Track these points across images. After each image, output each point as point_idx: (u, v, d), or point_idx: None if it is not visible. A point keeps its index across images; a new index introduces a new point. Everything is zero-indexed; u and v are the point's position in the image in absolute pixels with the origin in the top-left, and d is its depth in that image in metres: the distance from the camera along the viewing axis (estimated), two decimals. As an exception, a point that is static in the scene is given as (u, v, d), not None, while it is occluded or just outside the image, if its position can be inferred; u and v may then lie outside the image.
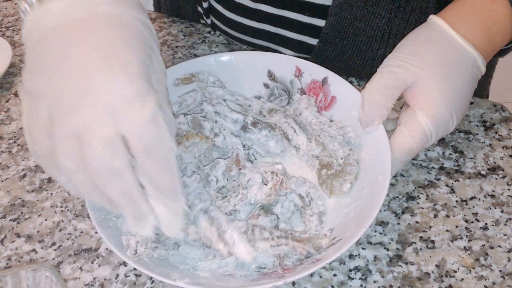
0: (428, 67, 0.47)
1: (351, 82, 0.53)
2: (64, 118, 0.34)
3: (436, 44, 0.48)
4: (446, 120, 0.47)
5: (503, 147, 0.54)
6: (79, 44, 0.35)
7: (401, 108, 0.50)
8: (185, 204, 0.40)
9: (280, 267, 0.43)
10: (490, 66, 0.73)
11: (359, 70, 0.62)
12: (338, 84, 0.53)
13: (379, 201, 0.43)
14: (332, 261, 0.46)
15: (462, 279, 0.45)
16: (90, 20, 0.36)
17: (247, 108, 0.54)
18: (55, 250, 0.49)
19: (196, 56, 0.67)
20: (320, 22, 0.60)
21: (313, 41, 0.62)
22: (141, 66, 0.36)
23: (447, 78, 0.47)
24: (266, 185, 0.46)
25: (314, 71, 0.54)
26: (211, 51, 0.68)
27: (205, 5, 0.66)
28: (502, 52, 0.53)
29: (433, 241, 0.47)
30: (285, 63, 0.55)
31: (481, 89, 0.74)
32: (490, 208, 0.49)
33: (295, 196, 0.47)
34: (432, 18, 0.49)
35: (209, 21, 0.68)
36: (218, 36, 0.70)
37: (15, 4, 0.79)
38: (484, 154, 0.54)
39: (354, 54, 0.61)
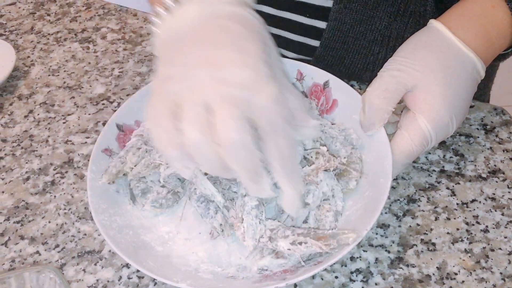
0: (428, 71, 0.47)
1: (352, 86, 0.54)
2: (197, 92, 0.39)
3: (436, 48, 0.48)
4: (446, 123, 0.47)
5: (503, 150, 0.54)
6: (213, 38, 0.41)
7: (401, 111, 0.50)
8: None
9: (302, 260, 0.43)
10: (491, 71, 0.73)
11: (360, 73, 0.62)
12: (339, 88, 0.53)
13: (381, 204, 0.43)
14: (334, 264, 0.46)
15: (463, 282, 0.45)
16: (220, 20, 0.42)
17: None
18: (58, 252, 0.49)
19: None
20: (321, 24, 0.60)
21: (315, 43, 0.62)
22: (263, 55, 0.40)
23: (447, 82, 0.47)
24: (309, 166, 0.46)
25: (315, 75, 0.55)
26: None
27: None
28: (501, 57, 0.54)
29: (434, 244, 0.47)
30: (287, 67, 0.56)
31: (482, 93, 0.74)
32: (491, 211, 0.50)
33: (325, 185, 0.47)
34: (432, 22, 0.50)
35: None
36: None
37: (19, 8, 0.79)
38: (484, 157, 0.54)
39: (355, 57, 0.61)
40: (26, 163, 0.57)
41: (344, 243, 0.41)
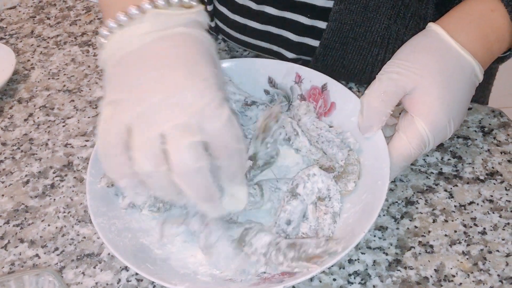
0: (426, 74, 0.47)
1: (350, 88, 0.54)
2: (151, 122, 0.38)
3: (435, 51, 0.48)
4: (444, 126, 0.47)
5: (501, 152, 0.55)
6: (164, 59, 0.40)
7: (400, 114, 0.50)
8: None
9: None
10: (491, 74, 0.73)
11: (359, 74, 0.63)
12: (337, 90, 0.54)
13: (378, 206, 0.43)
14: (332, 266, 0.46)
15: (461, 284, 0.45)
16: (171, 40, 0.40)
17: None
18: (58, 255, 0.49)
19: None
20: (322, 24, 0.60)
21: (315, 43, 0.62)
22: (215, 77, 0.40)
23: (446, 85, 0.47)
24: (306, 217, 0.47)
25: (313, 78, 0.55)
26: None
27: (209, 8, 0.67)
28: (500, 60, 0.54)
29: (431, 246, 0.48)
30: (285, 70, 0.56)
31: (481, 96, 0.74)
32: (489, 213, 0.50)
33: (320, 181, 0.47)
34: (431, 25, 0.50)
35: (212, 24, 0.69)
36: (220, 43, 0.71)
37: (19, 11, 0.80)
38: (482, 159, 0.54)
39: (354, 58, 0.62)
40: (26, 166, 0.58)
41: (334, 252, 0.42)
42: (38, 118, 0.63)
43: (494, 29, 0.50)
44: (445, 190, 0.52)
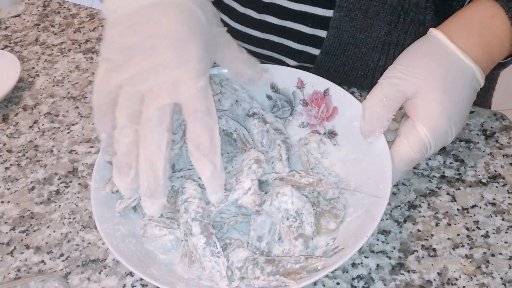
0: (428, 79, 0.48)
1: (352, 93, 0.54)
2: (133, 83, 0.43)
3: (436, 57, 0.49)
4: (445, 131, 0.48)
5: (503, 156, 0.55)
6: (152, 26, 0.44)
7: (401, 118, 0.50)
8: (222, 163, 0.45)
9: None
10: (492, 78, 0.73)
11: (361, 80, 0.63)
12: (339, 95, 0.54)
13: (381, 210, 0.43)
14: (335, 270, 0.46)
15: (464, 287, 0.45)
16: (161, 9, 0.44)
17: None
18: (63, 261, 0.50)
19: (200, 68, 0.68)
20: (322, 33, 0.61)
21: (316, 51, 0.63)
22: (201, 49, 0.44)
23: (447, 91, 0.47)
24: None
25: (316, 83, 0.55)
26: (215, 63, 0.69)
27: None
28: (501, 66, 0.54)
29: (434, 249, 0.48)
30: (287, 75, 0.56)
31: (484, 101, 0.75)
32: (491, 216, 0.50)
33: (288, 201, 0.46)
34: (432, 31, 0.50)
35: None
36: (222, 49, 0.71)
37: (23, 19, 0.81)
38: (484, 162, 0.54)
39: (355, 64, 0.62)
40: (31, 173, 0.58)
41: (313, 270, 0.42)
42: (43, 125, 0.64)
43: (494, 35, 0.50)
44: (448, 194, 0.52)
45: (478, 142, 0.56)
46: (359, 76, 0.63)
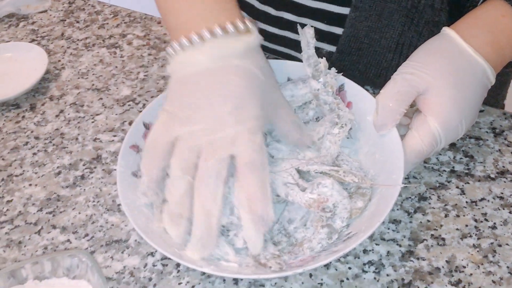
0: (440, 76, 0.50)
1: (366, 90, 0.56)
2: (193, 136, 0.45)
3: (448, 54, 0.51)
4: (455, 126, 0.50)
5: (511, 152, 0.57)
6: (215, 90, 0.46)
7: (413, 114, 0.53)
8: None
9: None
10: (505, 79, 0.75)
11: (374, 79, 0.65)
12: (354, 91, 0.56)
13: (393, 197, 0.45)
14: (347, 255, 0.48)
15: (471, 274, 0.47)
16: (224, 71, 0.46)
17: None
18: (88, 240, 0.52)
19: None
20: (338, 30, 0.63)
21: (331, 48, 0.65)
22: (259, 108, 0.46)
23: (458, 87, 0.50)
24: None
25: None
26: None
27: None
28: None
29: (443, 239, 0.50)
30: (303, 71, 0.59)
31: (495, 101, 0.76)
32: (499, 209, 0.52)
33: (328, 193, 0.47)
34: (445, 29, 0.53)
35: None
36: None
37: (50, 15, 0.84)
38: (493, 158, 0.56)
39: (369, 63, 0.64)
40: (58, 158, 0.61)
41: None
42: (68, 114, 0.67)
43: (505, 34, 0.52)
44: (457, 187, 0.54)
45: (487, 139, 0.58)
46: (372, 75, 0.65)
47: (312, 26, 0.56)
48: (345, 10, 0.61)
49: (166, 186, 0.46)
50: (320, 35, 0.65)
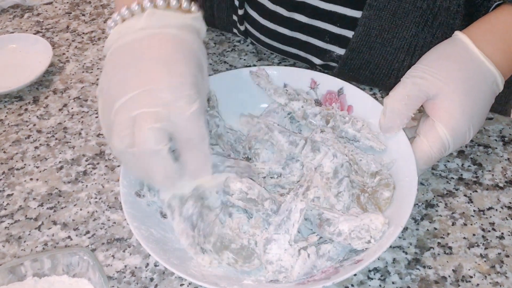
0: (450, 81, 0.49)
1: (374, 94, 0.56)
2: (126, 108, 0.43)
3: (459, 59, 0.50)
4: (464, 132, 0.49)
5: (521, 162, 0.56)
6: (149, 55, 0.44)
7: (419, 113, 0.52)
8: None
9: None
10: None
11: (384, 79, 0.64)
12: (354, 94, 0.56)
13: (411, 200, 0.45)
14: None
15: (478, 285, 0.46)
16: (160, 38, 0.45)
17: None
18: (89, 238, 0.52)
19: (226, 63, 0.70)
20: (350, 33, 0.62)
21: (342, 51, 0.64)
22: (193, 77, 0.44)
23: (468, 93, 0.49)
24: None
25: (329, 82, 0.57)
26: (240, 59, 0.71)
27: (240, 12, 0.69)
28: None
29: (450, 247, 0.49)
30: (300, 76, 0.58)
31: (503, 109, 0.75)
32: (507, 219, 0.51)
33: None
34: (457, 34, 0.52)
35: (242, 28, 0.71)
36: (248, 45, 0.73)
37: (55, 7, 0.83)
38: (502, 167, 0.56)
39: (380, 63, 0.63)
40: (60, 153, 0.60)
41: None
42: (72, 108, 0.66)
43: None
44: (465, 195, 0.53)
45: (496, 148, 0.57)
46: (383, 75, 0.64)
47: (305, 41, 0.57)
48: (358, 14, 0.61)
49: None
50: (331, 38, 0.64)
